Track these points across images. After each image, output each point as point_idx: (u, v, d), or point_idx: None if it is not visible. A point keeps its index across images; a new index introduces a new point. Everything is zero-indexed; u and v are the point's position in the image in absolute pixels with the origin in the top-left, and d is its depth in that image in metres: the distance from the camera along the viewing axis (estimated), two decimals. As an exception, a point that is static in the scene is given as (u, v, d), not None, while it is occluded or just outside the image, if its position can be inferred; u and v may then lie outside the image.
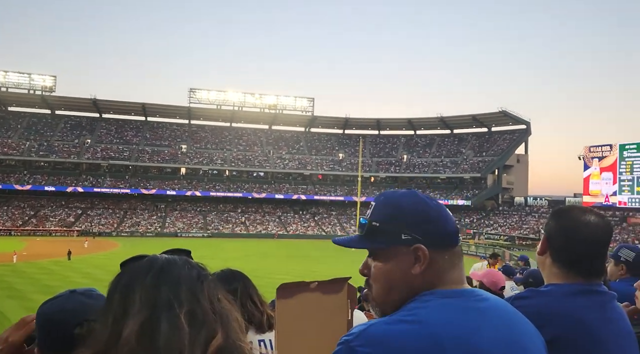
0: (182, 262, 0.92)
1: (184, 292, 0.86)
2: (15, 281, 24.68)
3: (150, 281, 0.86)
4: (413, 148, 77.55)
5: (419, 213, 1.03)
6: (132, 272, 0.90)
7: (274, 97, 75.36)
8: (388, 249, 1.03)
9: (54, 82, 67.90)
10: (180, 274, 0.88)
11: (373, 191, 69.10)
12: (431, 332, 0.91)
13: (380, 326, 0.94)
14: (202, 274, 0.92)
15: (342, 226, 66.87)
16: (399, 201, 1.05)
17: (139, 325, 0.81)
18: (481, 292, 1.04)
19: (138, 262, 0.92)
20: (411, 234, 1.01)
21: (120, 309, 0.84)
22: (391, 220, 1.03)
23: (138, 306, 0.83)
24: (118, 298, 0.87)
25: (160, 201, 66.70)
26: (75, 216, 61.66)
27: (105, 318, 0.86)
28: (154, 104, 71.95)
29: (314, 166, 73.48)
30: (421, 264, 1.00)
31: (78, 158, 65.58)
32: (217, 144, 73.99)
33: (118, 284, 0.89)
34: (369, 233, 1.06)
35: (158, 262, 0.90)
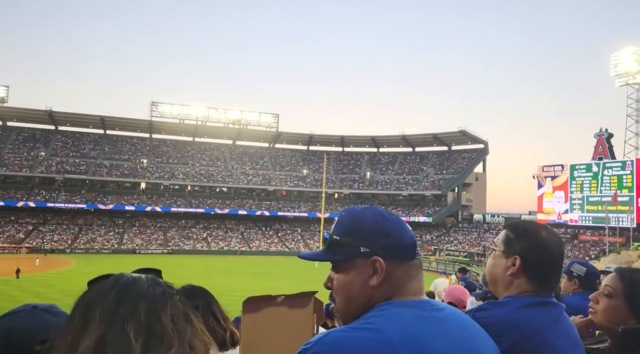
0: (148, 280, 0.93)
1: (144, 308, 0.86)
2: (-43, 302, 23.18)
3: (112, 298, 0.87)
4: (376, 165, 78.65)
5: (377, 227, 1.07)
6: (96, 289, 0.91)
7: (238, 112, 75.05)
8: (348, 261, 1.07)
9: (7, 93, 65.29)
10: (143, 291, 0.89)
11: (337, 207, 69.41)
12: (386, 339, 0.94)
13: (336, 333, 0.97)
14: (167, 292, 0.92)
15: (306, 242, 66.65)
16: (359, 216, 1.10)
17: (93, 340, 0.82)
18: (438, 302, 1.08)
19: (104, 281, 0.93)
20: (369, 246, 1.05)
21: (80, 325, 0.85)
22: (351, 233, 1.08)
23: (97, 322, 0.84)
24: (79, 314, 0.88)
25: (118, 216, 64.60)
26: (25, 231, 58.78)
27: (65, 334, 0.87)
28: (113, 117, 70.15)
29: (278, 181, 73.25)
30: (378, 276, 1.04)
31: (30, 171, 62.85)
32: (180, 159, 72.72)
33: (82, 301, 0.90)
34: (331, 246, 1.10)
35: (122, 280, 0.91)
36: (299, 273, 38.69)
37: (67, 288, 25.16)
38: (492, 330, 1.14)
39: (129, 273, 0.97)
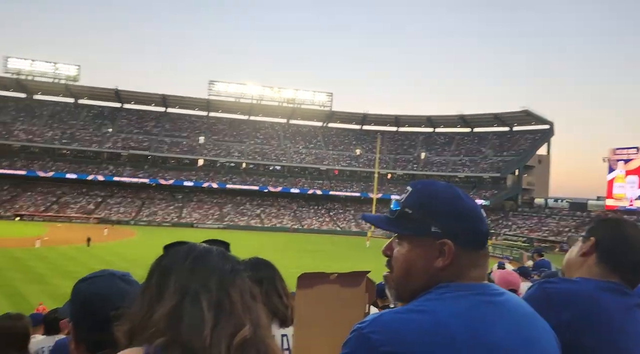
0: (218, 253, 0.95)
1: (215, 282, 0.89)
2: (36, 265, 25.28)
3: (186, 267, 0.90)
4: (431, 146, 76.90)
5: (455, 209, 1.02)
6: (172, 256, 0.94)
7: (292, 91, 75.46)
8: (415, 237, 1.03)
9: (78, 72, 69.12)
10: (214, 265, 0.92)
11: (389, 187, 68.80)
12: (441, 322, 0.92)
13: (391, 314, 0.95)
14: (235, 267, 0.94)
15: (357, 222, 66.77)
16: (437, 193, 1.05)
17: (168, 309, 0.85)
18: (497, 287, 1.04)
19: (179, 248, 0.96)
20: (441, 228, 1.01)
21: (157, 291, 0.89)
22: (424, 210, 1.03)
23: (172, 289, 0.87)
24: (156, 280, 0.91)
25: (178, 191, 67.51)
26: (95, 203, 62.82)
27: (142, 299, 0.90)
28: (174, 96, 72.68)
29: (331, 161, 73.43)
30: (445, 259, 1.00)
31: (99, 147, 66.68)
32: (235, 137, 74.45)
33: (158, 266, 0.94)
34: (400, 218, 1.06)
35: (195, 251, 0.94)
36: (350, 252, 38.92)
37: (132, 257, 26.76)
38: (557, 300, 1.12)
39: (201, 244, 0.98)
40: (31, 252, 30.26)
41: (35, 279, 21.63)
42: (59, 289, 17.64)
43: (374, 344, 0.90)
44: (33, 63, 67.29)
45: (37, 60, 67.65)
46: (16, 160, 63.30)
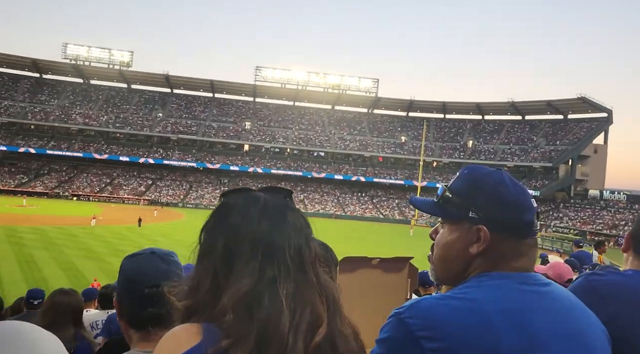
0: (294, 214, 0.84)
1: (294, 257, 0.79)
2: (92, 243, 26.67)
3: (262, 230, 0.79)
4: (480, 134, 74.70)
5: (495, 196, 1.00)
6: (241, 212, 0.82)
7: (338, 77, 75.03)
8: (455, 221, 1.04)
9: (131, 58, 71.47)
10: (291, 231, 0.81)
11: (435, 176, 67.55)
12: (481, 309, 0.90)
13: (430, 300, 0.94)
14: (307, 233, 0.84)
15: (401, 209, 66.12)
16: (480, 179, 1.04)
17: (241, 291, 0.75)
18: (542, 277, 1.01)
19: (246, 200, 0.84)
20: (478, 213, 1.00)
21: (224, 261, 0.78)
22: (465, 194, 1.03)
23: (244, 263, 0.76)
24: (224, 242, 0.80)
25: (224, 175, 69.09)
26: (146, 185, 65.36)
27: (205, 265, 0.79)
28: (221, 81, 73.98)
29: (375, 147, 72.83)
30: (479, 245, 0.99)
31: (150, 131, 69.06)
32: (280, 123, 75.09)
33: (225, 223, 0.81)
34: (442, 202, 1.06)
35: (270, 207, 0.82)
36: (393, 239, 38.69)
37: (179, 238, 27.71)
38: (604, 292, 1.08)
39: (267, 196, 0.85)
40: (87, 230, 31.94)
41: (90, 255, 22.83)
42: (112, 266, 18.58)
43: (411, 329, 0.89)
44: (90, 49, 70.15)
45: (94, 46, 70.47)
46: (74, 142, 66.65)
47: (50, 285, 14.06)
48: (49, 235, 28.38)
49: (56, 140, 66.14)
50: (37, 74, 72.28)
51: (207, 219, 0.86)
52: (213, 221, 0.85)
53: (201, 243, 0.84)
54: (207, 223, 0.85)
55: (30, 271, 18.62)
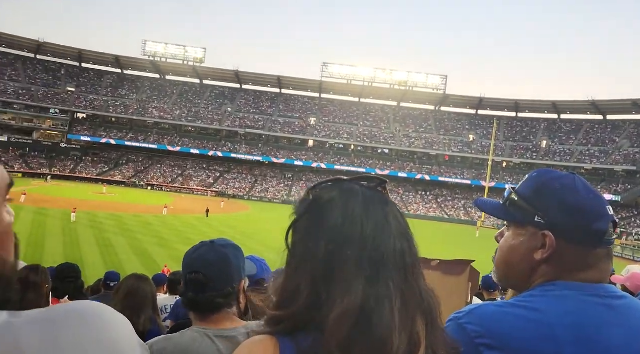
0: (395, 214, 0.76)
1: (398, 267, 0.70)
2: (163, 231, 28.14)
3: (368, 235, 0.69)
4: (555, 134, 70.53)
5: (563, 201, 0.95)
6: (344, 212, 0.72)
7: (405, 73, 73.78)
8: (520, 225, 0.99)
9: (204, 54, 74.40)
10: (394, 234, 0.72)
11: (504, 176, 64.71)
12: (544, 320, 0.85)
13: (491, 307, 0.90)
14: (409, 234, 0.76)
15: (467, 210, 63.98)
16: (549, 183, 0.98)
17: (350, 310, 0.65)
18: (616, 289, 0.95)
19: (348, 202, 0.73)
20: (545, 218, 0.95)
21: (326, 265, 0.68)
22: (531, 198, 0.98)
23: (349, 276, 0.66)
24: (326, 244, 0.69)
25: (288, 170, 70.30)
26: (214, 178, 67.98)
27: (303, 273, 0.69)
28: (288, 77, 75.18)
29: (441, 146, 70.97)
30: (544, 251, 0.94)
31: (219, 125, 71.66)
32: (345, 119, 75.14)
33: (323, 223, 0.71)
34: (508, 204, 1.02)
35: (370, 206, 0.73)
36: (458, 240, 37.56)
37: (244, 230, 28.59)
38: None
39: (364, 189, 0.76)
40: (159, 218, 33.74)
41: (161, 243, 24.11)
42: (180, 254, 19.27)
43: (470, 335, 0.86)
44: (167, 46, 73.84)
45: (170, 43, 74.09)
46: (149, 135, 70.60)
47: (126, 268, 15.02)
48: (125, 222, 30.30)
49: (134, 132, 70.43)
50: (119, 69, 77.20)
51: (297, 218, 0.75)
52: (307, 220, 0.74)
53: (294, 245, 0.74)
54: (299, 223, 0.74)
55: (108, 254, 19.99)
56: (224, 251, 1.52)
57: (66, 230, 24.77)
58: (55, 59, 74.18)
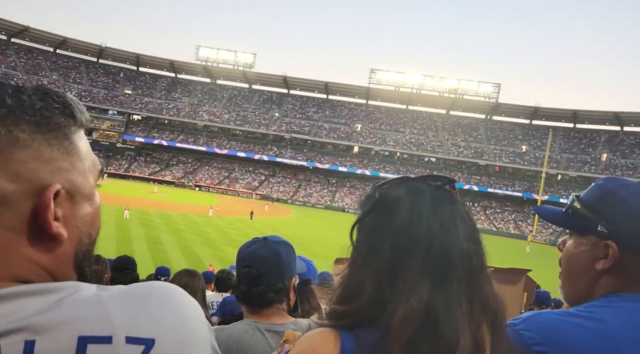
0: (462, 215, 0.74)
1: (465, 270, 0.68)
2: (209, 231, 28.73)
3: (433, 234, 0.68)
4: (617, 147, 66.86)
5: (630, 210, 0.90)
6: (410, 210, 0.70)
7: (455, 81, 72.26)
8: (582, 234, 0.96)
9: (254, 59, 75.92)
10: (462, 235, 0.71)
11: (558, 190, 61.97)
12: (609, 332, 0.81)
13: (549, 315, 0.87)
14: (477, 236, 0.73)
15: (517, 223, 61.67)
16: (614, 190, 0.94)
17: (416, 310, 0.64)
18: None
19: (415, 200, 0.72)
20: (608, 228, 0.91)
21: (390, 264, 0.67)
22: (594, 206, 0.94)
23: (415, 275, 0.66)
24: (391, 246, 0.68)
25: (332, 176, 70.31)
26: (259, 181, 69.00)
27: (368, 269, 0.68)
28: (335, 83, 75.39)
29: (492, 156, 68.87)
30: (606, 262, 0.91)
31: (266, 129, 72.77)
32: (391, 126, 74.42)
33: (389, 220, 0.70)
34: (570, 212, 0.98)
35: (437, 205, 0.71)
36: (507, 255, 36.14)
37: (287, 233, 28.66)
38: None
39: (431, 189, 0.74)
40: (205, 219, 34.51)
41: (206, 242, 24.60)
42: (224, 254, 19.81)
43: (527, 342, 0.82)
44: (218, 51, 75.89)
45: (222, 49, 76.12)
46: (199, 137, 72.64)
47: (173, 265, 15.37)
48: (174, 220, 31.19)
49: (185, 134, 72.71)
50: (173, 74, 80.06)
51: (363, 214, 0.74)
52: (373, 217, 0.73)
53: (359, 243, 0.73)
54: (364, 219, 0.74)
55: (157, 251, 20.57)
56: (276, 248, 1.57)
57: (119, 226, 25.76)
58: (115, 63, 77.91)
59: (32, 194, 0.52)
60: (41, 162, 0.51)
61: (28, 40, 71.87)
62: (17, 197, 0.51)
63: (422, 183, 0.76)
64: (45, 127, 0.49)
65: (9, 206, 0.51)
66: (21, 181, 0.51)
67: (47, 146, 0.50)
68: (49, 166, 0.52)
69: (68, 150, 0.54)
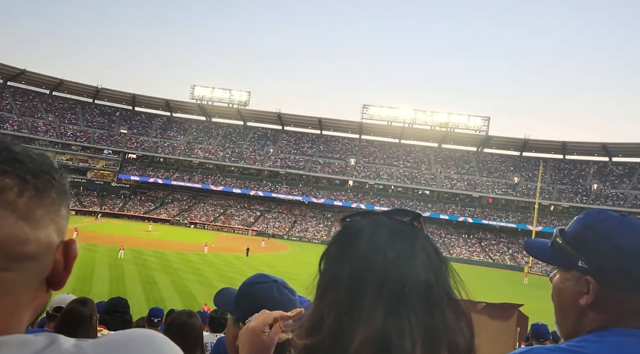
0: (423, 244, 0.73)
1: (422, 299, 0.67)
2: (204, 269, 28.50)
3: (390, 263, 0.68)
4: (606, 177, 67.69)
5: (608, 245, 0.90)
6: (369, 240, 0.71)
7: (445, 115, 73.61)
8: (566, 269, 0.96)
9: (248, 97, 77.21)
10: (419, 266, 0.70)
11: (552, 220, 62.19)
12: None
13: (542, 350, 0.86)
14: (437, 266, 0.73)
15: (512, 255, 61.51)
16: (594, 225, 0.94)
17: (371, 340, 0.64)
18: None
19: (372, 225, 0.73)
20: (588, 263, 0.91)
21: (349, 295, 0.67)
22: (575, 241, 0.94)
23: (371, 304, 0.65)
24: (348, 275, 0.68)
25: (328, 210, 70.33)
26: (254, 217, 68.82)
27: (329, 300, 0.68)
28: (329, 119, 76.54)
29: (484, 188, 69.38)
30: (589, 297, 0.90)
31: (261, 165, 73.21)
32: (385, 160, 75.14)
33: (348, 250, 0.71)
34: (554, 246, 0.98)
35: (397, 237, 0.72)
36: (504, 287, 35.95)
37: (283, 270, 28.52)
38: None
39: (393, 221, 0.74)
40: (200, 256, 34.26)
41: (202, 281, 24.38)
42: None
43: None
44: (213, 90, 77.18)
45: (216, 88, 77.40)
46: (194, 174, 72.88)
47: (168, 305, 15.21)
48: (169, 259, 30.94)
49: (180, 172, 72.97)
50: (168, 112, 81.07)
51: (328, 246, 0.75)
52: (335, 247, 0.74)
53: (322, 273, 0.73)
54: (329, 250, 0.74)
55: (151, 291, 20.37)
56: (292, 288, 1.49)
57: (113, 266, 25.53)
58: (110, 103, 78.93)
59: (59, 247, 0.57)
60: (66, 221, 0.60)
61: (25, 83, 72.90)
62: (55, 249, 0.57)
63: (387, 217, 0.75)
64: (67, 196, 0.59)
65: (50, 255, 0.56)
66: (60, 235, 0.58)
67: (66, 210, 0.59)
68: (67, 225, 0.60)
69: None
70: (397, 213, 0.76)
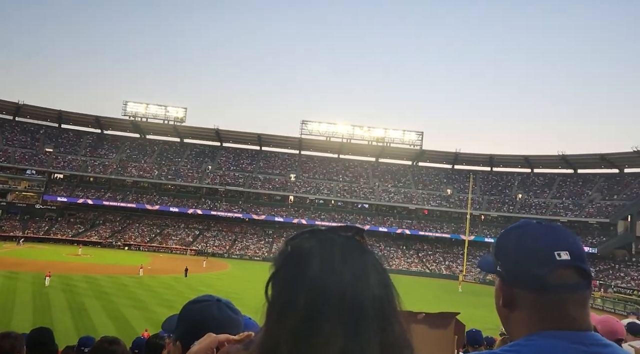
0: (372, 261, 0.73)
1: (377, 317, 0.68)
2: (140, 293, 27.25)
3: (345, 283, 0.67)
4: (529, 187, 72.45)
5: (512, 247, 0.99)
6: (323, 263, 0.69)
7: (382, 130, 75.85)
8: (495, 275, 1.02)
9: (185, 114, 75.50)
10: (372, 283, 0.70)
11: (483, 230, 65.46)
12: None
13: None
14: (387, 282, 0.74)
15: (448, 264, 63.92)
16: (507, 232, 1.04)
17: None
18: (601, 338, 0.94)
19: (327, 251, 0.71)
20: (502, 267, 0.99)
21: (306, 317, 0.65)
22: (495, 248, 1.03)
23: (331, 329, 0.64)
24: (305, 300, 0.66)
25: (269, 226, 69.77)
26: (193, 236, 66.84)
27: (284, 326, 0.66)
28: (268, 135, 76.42)
29: (420, 200, 71.89)
30: (503, 299, 0.98)
31: (199, 183, 71.51)
32: (325, 175, 75.95)
33: (302, 274, 0.69)
34: (489, 256, 1.07)
35: (348, 255, 0.71)
36: (440, 295, 37.21)
37: (223, 289, 27.85)
38: None
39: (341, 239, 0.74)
40: (135, 279, 32.73)
41: (137, 305, 23.27)
42: (156, 316, 18.80)
43: None
44: (147, 106, 74.77)
45: (151, 104, 75.08)
46: (128, 194, 69.81)
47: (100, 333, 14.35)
48: (101, 284, 29.29)
49: (112, 191, 69.61)
50: (99, 130, 77.43)
51: (276, 270, 0.72)
52: (285, 272, 0.71)
53: (273, 299, 0.70)
54: (277, 274, 0.71)
55: (81, 319, 19.16)
56: (236, 309, 1.44)
57: (36, 294, 23.78)
58: (34, 121, 74.18)
59: None
60: None
61: None
62: None
63: (333, 234, 0.75)
64: None
65: None
66: None
67: None
68: None
69: None
70: (342, 229, 0.76)
